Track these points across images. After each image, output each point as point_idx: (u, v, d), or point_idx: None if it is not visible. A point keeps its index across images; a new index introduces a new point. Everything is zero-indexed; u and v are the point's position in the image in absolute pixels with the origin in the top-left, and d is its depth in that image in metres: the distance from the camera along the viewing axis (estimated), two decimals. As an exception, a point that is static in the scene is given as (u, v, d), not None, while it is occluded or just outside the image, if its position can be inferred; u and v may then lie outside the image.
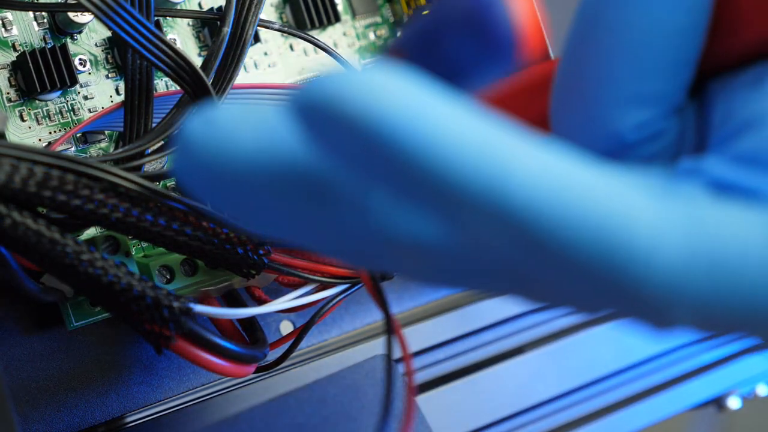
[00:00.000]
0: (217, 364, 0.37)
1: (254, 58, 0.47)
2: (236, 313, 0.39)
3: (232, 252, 0.38)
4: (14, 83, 0.42)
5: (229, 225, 0.38)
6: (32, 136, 0.42)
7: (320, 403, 0.38)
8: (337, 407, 0.38)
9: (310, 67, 0.49)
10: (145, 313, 0.35)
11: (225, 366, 0.37)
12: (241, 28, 0.42)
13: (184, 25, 0.46)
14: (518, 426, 0.49)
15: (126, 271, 0.35)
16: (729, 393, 0.56)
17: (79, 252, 0.34)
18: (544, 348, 0.50)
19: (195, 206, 0.37)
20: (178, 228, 0.37)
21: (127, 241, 0.39)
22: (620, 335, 0.53)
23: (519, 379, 0.49)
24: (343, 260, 0.23)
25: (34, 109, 0.42)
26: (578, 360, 0.51)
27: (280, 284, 0.42)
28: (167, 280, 0.40)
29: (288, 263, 0.40)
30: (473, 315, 0.49)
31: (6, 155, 0.33)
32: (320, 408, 0.37)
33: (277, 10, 0.48)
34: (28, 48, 0.42)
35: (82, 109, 0.43)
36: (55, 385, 0.42)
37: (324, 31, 0.49)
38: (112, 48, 0.44)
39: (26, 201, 0.34)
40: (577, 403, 0.51)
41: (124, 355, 0.43)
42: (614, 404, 0.52)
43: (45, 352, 0.42)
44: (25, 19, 0.42)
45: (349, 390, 0.38)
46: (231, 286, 0.42)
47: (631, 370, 0.53)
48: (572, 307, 0.21)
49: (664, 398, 0.53)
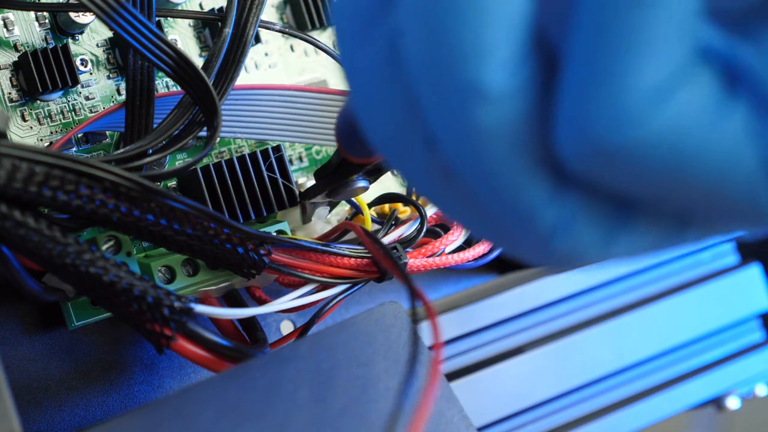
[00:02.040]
0: (218, 364, 0.37)
1: (255, 58, 0.48)
2: (236, 313, 0.39)
3: (232, 252, 0.38)
4: (16, 83, 0.42)
5: (230, 225, 0.38)
6: (33, 136, 0.42)
7: (331, 350, 0.37)
8: (347, 353, 0.37)
9: (310, 67, 0.49)
10: (146, 313, 0.36)
11: (225, 366, 0.37)
12: (242, 29, 0.42)
13: (185, 25, 0.46)
14: (518, 426, 0.49)
15: (127, 270, 0.36)
16: (728, 393, 0.56)
17: (81, 252, 0.35)
18: (544, 348, 0.51)
19: (196, 206, 0.37)
20: (179, 228, 0.37)
21: (128, 241, 0.39)
22: (620, 335, 0.53)
23: (519, 379, 0.49)
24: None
25: (36, 109, 0.42)
26: (578, 360, 0.51)
27: (281, 284, 0.42)
28: (168, 280, 0.40)
29: (288, 263, 0.40)
30: (473, 315, 0.49)
31: (7, 155, 0.33)
32: (331, 354, 0.37)
33: (277, 11, 0.49)
34: (29, 48, 0.42)
35: (84, 110, 0.43)
36: (56, 385, 0.42)
37: (324, 31, 0.49)
38: (113, 48, 0.44)
39: (28, 201, 0.34)
40: (576, 403, 0.51)
41: (126, 355, 0.44)
42: (614, 404, 0.52)
43: (46, 351, 0.42)
44: (27, 20, 0.42)
45: (360, 336, 0.38)
46: (231, 286, 0.42)
47: (631, 370, 0.53)
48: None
49: (664, 398, 0.53)
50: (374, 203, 0.46)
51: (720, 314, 0.56)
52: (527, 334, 0.51)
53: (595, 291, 0.53)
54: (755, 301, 0.58)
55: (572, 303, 0.52)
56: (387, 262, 0.41)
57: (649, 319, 0.54)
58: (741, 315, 0.57)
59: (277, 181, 0.43)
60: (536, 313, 0.51)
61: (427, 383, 0.31)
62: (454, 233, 0.44)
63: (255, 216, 0.42)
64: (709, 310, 0.56)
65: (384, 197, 0.46)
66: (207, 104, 0.39)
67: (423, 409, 0.30)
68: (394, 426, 0.29)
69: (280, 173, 0.43)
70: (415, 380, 0.31)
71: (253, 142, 0.46)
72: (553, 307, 0.52)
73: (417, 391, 0.31)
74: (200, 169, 0.42)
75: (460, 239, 0.45)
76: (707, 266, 0.57)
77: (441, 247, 0.44)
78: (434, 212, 0.45)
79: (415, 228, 0.44)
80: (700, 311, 0.55)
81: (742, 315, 0.57)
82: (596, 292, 0.53)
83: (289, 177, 0.43)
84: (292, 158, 0.47)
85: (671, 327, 0.54)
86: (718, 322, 0.56)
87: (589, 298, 0.53)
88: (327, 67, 0.49)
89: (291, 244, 0.40)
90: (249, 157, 0.43)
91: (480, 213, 0.26)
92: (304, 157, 0.48)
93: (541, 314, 0.51)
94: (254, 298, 0.43)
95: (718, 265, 0.58)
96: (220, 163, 0.42)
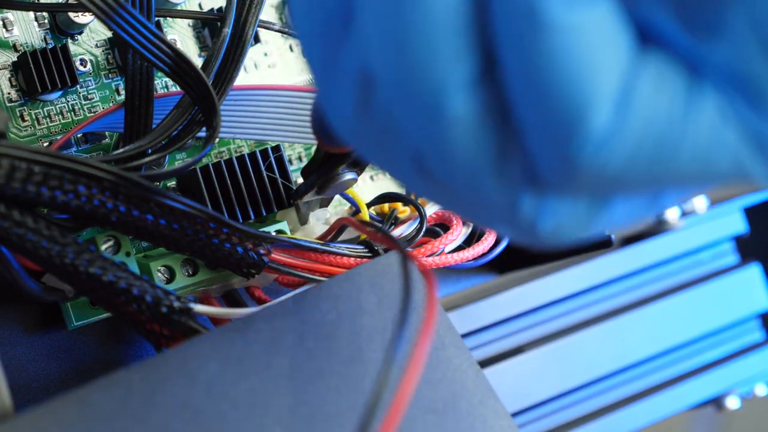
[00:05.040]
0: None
1: (254, 58, 0.48)
2: (236, 313, 0.39)
3: (232, 252, 0.38)
4: (15, 83, 0.42)
5: (229, 224, 0.38)
6: (33, 137, 0.42)
7: (335, 300, 0.37)
8: (352, 303, 0.37)
9: (310, 67, 0.49)
10: (145, 313, 0.36)
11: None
12: (241, 29, 0.42)
13: (185, 25, 0.46)
14: (519, 426, 0.49)
15: (126, 270, 0.36)
16: (728, 393, 0.56)
17: (80, 251, 0.35)
18: (544, 348, 0.50)
19: (195, 206, 0.37)
20: (179, 228, 0.37)
21: (127, 240, 0.39)
22: (620, 335, 0.53)
23: (519, 378, 0.49)
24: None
25: (35, 110, 0.42)
26: (578, 360, 0.51)
27: (280, 284, 0.42)
28: (167, 279, 0.40)
29: (288, 263, 0.40)
30: (473, 315, 0.49)
31: (6, 155, 0.33)
32: (336, 304, 0.37)
33: (277, 10, 0.49)
34: (28, 48, 0.42)
35: (83, 110, 0.43)
36: (55, 385, 0.42)
37: (324, 31, 0.49)
38: (112, 48, 0.44)
39: (26, 201, 0.34)
40: (576, 402, 0.51)
41: (125, 355, 0.44)
42: (614, 404, 0.52)
43: (46, 351, 0.42)
44: (26, 20, 0.42)
45: (365, 285, 0.38)
46: (231, 285, 0.42)
47: (630, 370, 0.53)
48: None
49: (663, 398, 0.53)
50: (373, 203, 0.46)
51: (720, 314, 0.56)
52: (527, 334, 0.51)
53: (595, 291, 0.53)
54: (755, 301, 0.58)
55: (572, 303, 0.52)
56: (380, 237, 0.40)
57: (648, 318, 0.54)
58: (741, 315, 0.57)
59: (277, 181, 0.43)
60: (536, 313, 0.51)
61: (422, 326, 0.30)
62: (454, 233, 0.44)
63: (254, 216, 0.42)
64: (709, 310, 0.56)
65: (383, 197, 0.46)
66: (206, 104, 0.39)
67: (419, 351, 0.30)
68: (390, 368, 0.29)
69: (280, 173, 0.43)
70: (408, 328, 0.30)
71: (253, 142, 0.46)
72: (553, 307, 0.52)
73: (410, 337, 0.30)
74: (199, 169, 0.42)
75: (459, 239, 0.45)
76: (707, 266, 0.57)
77: (440, 246, 0.44)
78: (434, 212, 0.45)
79: (415, 227, 0.44)
80: (699, 311, 0.55)
81: (742, 315, 0.57)
82: (596, 292, 0.53)
83: (289, 177, 0.43)
84: (291, 158, 0.47)
85: (671, 327, 0.54)
86: (717, 322, 0.56)
87: (589, 298, 0.53)
88: None
89: (290, 243, 0.40)
90: (248, 157, 0.43)
91: (462, 207, 0.27)
92: (304, 157, 0.48)
93: (541, 314, 0.51)
94: (254, 298, 0.43)
95: (718, 264, 0.58)
96: (220, 163, 0.42)
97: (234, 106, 0.44)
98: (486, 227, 0.28)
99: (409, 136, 0.25)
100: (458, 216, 0.45)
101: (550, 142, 0.23)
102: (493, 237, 0.45)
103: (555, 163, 0.23)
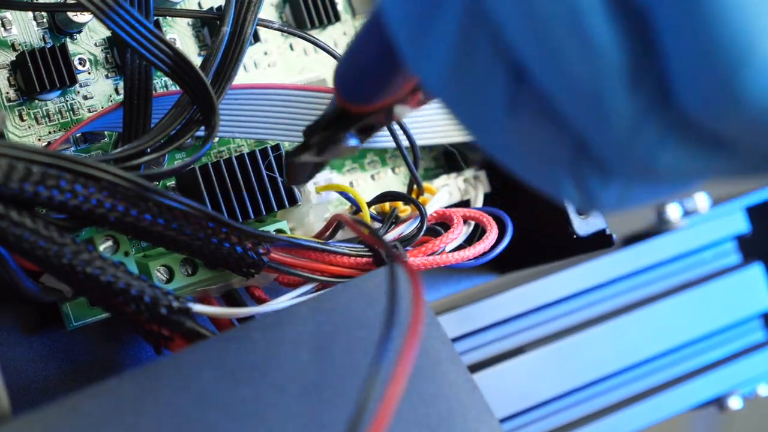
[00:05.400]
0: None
1: (254, 57, 0.47)
2: (236, 312, 0.39)
3: (231, 251, 0.38)
4: (13, 83, 0.42)
5: (228, 224, 0.37)
6: (31, 136, 0.42)
7: (331, 312, 0.37)
8: (348, 315, 0.37)
9: (310, 66, 0.49)
10: (144, 313, 0.35)
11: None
12: (240, 28, 0.42)
13: (184, 24, 0.46)
14: (519, 426, 0.49)
15: (125, 270, 0.35)
16: (730, 393, 0.56)
17: (78, 252, 0.34)
18: (544, 348, 0.50)
19: (194, 205, 0.36)
20: (177, 227, 0.37)
21: (126, 240, 0.39)
22: (621, 335, 0.52)
23: (519, 379, 0.49)
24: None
25: (34, 109, 0.42)
26: (578, 360, 0.51)
27: (280, 283, 0.42)
28: (167, 279, 0.40)
29: (287, 262, 0.40)
30: (473, 315, 0.49)
31: (4, 154, 0.33)
32: (332, 317, 0.37)
33: (276, 9, 0.48)
34: (27, 48, 0.42)
35: (82, 109, 0.43)
36: (54, 385, 0.42)
37: (324, 30, 0.49)
38: (111, 48, 0.44)
39: (24, 201, 0.34)
40: (577, 403, 0.51)
41: (124, 355, 0.43)
42: (614, 404, 0.52)
43: (44, 352, 0.42)
44: (25, 19, 0.42)
45: (361, 298, 0.37)
46: (230, 285, 0.42)
47: (632, 370, 0.53)
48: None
49: (665, 398, 0.53)
50: (374, 202, 0.46)
51: (722, 314, 0.56)
52: (527, 334, 0.51)
53: (595, 291, 0.53)
54: (757, 301, 0.57)
55: (572, 303, 0.52)
56: (369, 237, 0.40)
57: (650, 318, 0.53)
58: (743, 315, 0.57)
59: (276, 181, 0.43)
60: (536, 313, 0.51)
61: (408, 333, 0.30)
62: (455, 231, 0.44)
63: (254, 215, 0.42)
64: (711, 310, 0.56)
65: (384, 195, 0.46)
66: (205, 103, 0.39)
67: (404, 362, 0.29)
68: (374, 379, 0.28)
69: (279, 172, 0.43)
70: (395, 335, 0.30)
71: (252, 142, 0.46)
72: (553, 307, 0.52)
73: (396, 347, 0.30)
74: (199, 169, 0.42)
75: (460, 238, 0.45)
76: (709, 266, 0.57)
77: (441, 245, 0.44)
78: (434, 210, 0.45)
79: (415, 226, 0.44)
80: (702, 311, 0.55)
81: (745, 315, 0.57)
82: (597, 292, 0.53)
83: (288, 176, 0.43)
84: (291, 158, 0.47)
85: (673, 327, 0.54)
86: (720, 322, 0.56)
87: (589, 298, 0.53)
88: (326, 65, 0.49)
89: (290, 243, 0.40)
90: (248, 157, 0.42)
91: (554, 125, 0.25)
92: (304, 156, 0.48)
93: (541, 314, 0.51)
94: (253, 298, 0.43)
95: (720, 264, 0.57)
96: (219, 163, 0.42)
97: (233, 105, 0.44)
98: (559, 163, 0.26)
99: (519, 47, 0.23)
100: (458, 216, 0.45)
101: (709, 74, 0.21)
102: (494, 236, 0.45)
103: (712, 97, 0.21)
